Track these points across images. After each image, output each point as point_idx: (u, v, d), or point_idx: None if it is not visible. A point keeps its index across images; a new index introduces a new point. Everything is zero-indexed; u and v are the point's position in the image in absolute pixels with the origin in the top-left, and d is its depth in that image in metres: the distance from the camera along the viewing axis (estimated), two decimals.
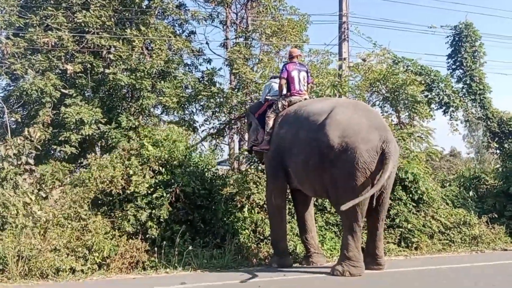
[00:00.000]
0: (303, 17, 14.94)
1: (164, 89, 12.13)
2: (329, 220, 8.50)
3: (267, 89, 7.86)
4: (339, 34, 13.11)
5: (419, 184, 8.94)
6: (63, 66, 11.57)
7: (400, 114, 11.36)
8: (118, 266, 6.86)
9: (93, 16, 11.61)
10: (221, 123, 13.20)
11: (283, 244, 7.26)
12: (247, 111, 8.09)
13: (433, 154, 10.46)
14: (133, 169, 7.74)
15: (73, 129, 11.20)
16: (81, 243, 6.89)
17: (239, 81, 12.66)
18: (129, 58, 11.85)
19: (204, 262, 7.10)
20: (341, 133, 6.19)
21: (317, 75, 11.27)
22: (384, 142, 6.10)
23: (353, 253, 6.20)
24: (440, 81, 12.63)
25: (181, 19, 13.80)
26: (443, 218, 8.93)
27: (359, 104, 7.14)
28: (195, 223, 7.80)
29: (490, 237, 8.95)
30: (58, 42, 11.52)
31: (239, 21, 14.70)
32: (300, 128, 6.76)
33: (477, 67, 13.33)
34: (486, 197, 10.49)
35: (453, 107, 12.69)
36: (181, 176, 7.82)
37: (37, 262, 6.45)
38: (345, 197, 6.11)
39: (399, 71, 11.57)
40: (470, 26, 13.48)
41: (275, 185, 7.16)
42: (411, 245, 8.41)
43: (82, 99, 11.62)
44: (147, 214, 7.43)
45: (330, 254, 7.83)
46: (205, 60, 14.34)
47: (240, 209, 8.34)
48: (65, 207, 7.51)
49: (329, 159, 6.22)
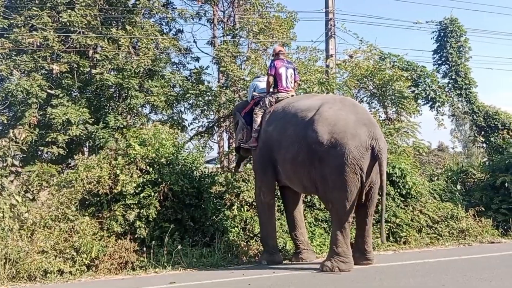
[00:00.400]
0: (290, 15, 14.95)
1: (152, 88, 12.07)
2: (318, 217, 8.52)
3: (252, 88, 7.87)
4: (325, 31, 13.14)
5: (407, 178, 9.01)
6: (49, 67, 11.46)
7: (388, 110, 11.45)
8: (106, 267, 6.82)
9: (78, 15, 11.51)
10: (210, 121, 13.18)
11: (273, 241, 7.26)
12: (234, 110, 8.09)
13: (420, 149, 10.54)
14: (120, 168, 7.69)
15: (60, 130, 11.11)
16: (69, 245, 6.85)
17: (227, 79, 12.64)
18: (115, 57, 11.77)
19: (193, 261, 7.09)
20: (330, 129, 6.21)
21: (304, 72, 11.29)
22: (373, 139, 6.16)
23: (342, 249, 6.22)
24: (426, 77, 12.75)
25: (168, 17, 13.75)
26: (431, 212, 8.99)
27: (347, 100, 7.16)
28: (184, 221, 7.78)
29: (477, 230, 9.03)
30: (44, 42, 11.41)
31: (226, 19, 14.69)
32: (288, 124, 6.77)
33: (462, 62, 13.49)
34: (473, 191, 10.59)
35: (440, 102, 12.82)
36: (169, 175, 7.79)
37: (25, 264, 6.41)
38: (334, 193, 6.17)
39: (385, 67, 11.66)
40: (455, 22, 13.62)
41: (263, 182, 7.17)
42: (400, 239, 8.47)
43: (69, 99, 11.52)
44: (135, 214, 7.39)
45: (320, 250, 7.85)
46: (193, 59, 14.34)
47: (230, 207, 8.34)
48: (52, 209, 7.45)
49: (318, 155, 6.25)
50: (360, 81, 11.43)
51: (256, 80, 8.02)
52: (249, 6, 14.41)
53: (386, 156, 6.34)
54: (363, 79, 11.39)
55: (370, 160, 6.14)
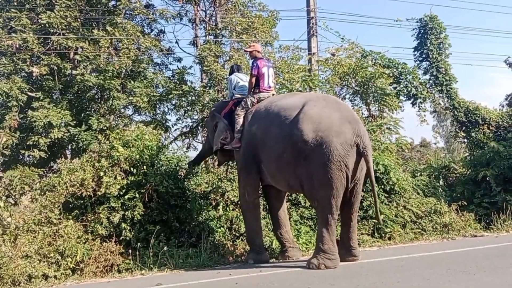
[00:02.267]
0: (271, 14, 14.97)
1: (135, 89, 11.99)
2: (303, 214, 8.55)
3: (231, 85, 7.79)
4: (307, 29, 13.21)
5: (390, 175, 9.09)
6: (28, 69, 11.32)
7: (370, 107, 11.54)
8: (92, 270, 6.75)
9: (57, 16, 11.38)
10: (194, 121, 13.14)
11: (259, 240, 7.26)
12: (212, 112, 7.98)
13: (403, 145, 10.65)
14: (103, 170, 7.61)
15: (42, 132, 10.99)
16: (53, 249, 6.76)
17: (211, 79, 12.62)
18: (96, 58, 11.66)
19: (180, 262, 7.05)
20: (315, 127, 6.24)
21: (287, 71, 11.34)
22: (357, 136, 6.21)
23: (328, 246, 6.26)
24: (408, 73, 12.89)
25: (149, 18, 13.66)
26: (414, 208, 9.09)
27: (330, 98, 7.20)
28: (169, 222, 7.73)
29: (460, 224, 9.16)
30: (23, 44, 11.26)
31: (208, 18, 14.63)
32: (271, 123, 6.77)
33: (442, 58, 13.65)
34: (455, 185, 10.74)
35: (421, 98, 12.97)
36: (153, 176, 7.73)
37: (8, 269, 6.29)
38: (320, 191, 6.20)
39: (367, 64, 11.74)
40: (435, 19, 13.77)
41: (248, 182, 7.15)
42: (384, 235, 8.54)
43: (50, 101, 11.38)
44: (120, 216, 7.32)
45: (306, 248, 7.88)
46: (175, 59, 14.26)
47: (215, 207, 8.33)
48: (35, 213, 7.35)
49: (304, 153, 6.27)
50: (343, 78, 11.51)
51: (236, 75, 7.86)
52: (231, 5, 14.38)
53: (371, 152, 6.42)
54: (346, 77, 11.47)
55: (355, 157, 6.21)
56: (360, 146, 6.19)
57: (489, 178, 10.28)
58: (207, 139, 8.43)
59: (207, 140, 8.42)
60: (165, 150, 8.55)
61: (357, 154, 6.22)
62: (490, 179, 10.25)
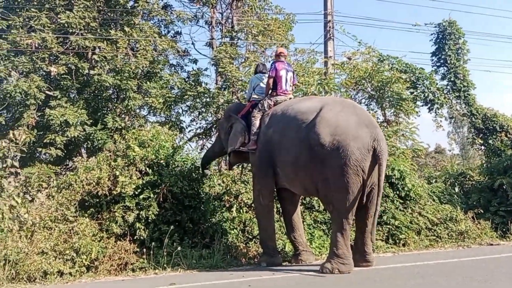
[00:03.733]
0: (288, 17, 14.97)
1: (150, 90, 12.07)
2: (317, 218, 8.52)
3: (252, 86, 7.76)
4: (324, 32, 13.17)
5: (406, 181, 9.02)
6: (47, 68, 11.46)
7: (386, 112, 11.46)
8: (106, 268, 6.79)
9: (76, 17, 11.51)
10: (208, 123, 13.17)
11: (272, 243, 7.25)
12: (228, 113, 7.95)
13: (418, 151, 10.56)
14: (119, 170, 7.67)
15: (58, 131, 11.11)
16: (69, 246, 6.82)
17: (226, 80, 12.65)
18: (114, 59, 11.77)
19: (193, 263, 7.07)
20: (332, 131, 6.23)
21: (303, 74, 11.31)
22: (375, 140, 6.19)
23: (342, 251, 6.23)
24: (425, 79, 12.78)
25: (166, 19, 13.75)
26: (430, 214, 9.00)
27: (347, 102, 7.18)
28: (183, 223, 7.76)
29: (476, 232, 9.04)
30: (42, 44, 11.41)
31: (224, 21, 14.68)
32: (288, 127, 6.76)
33: (461, 64, 13.54)
34: (471, 193, 10.60)
35: (438, 104, 12.87)
36: (168, 176, 7.77)
37: (24, 265, 6.38)
38: (336, 195, 6.18)
39: (384, 69, 11.68)
40: (454, 24, 13.67)
41: (263, 185, 7.14)
42: (399, 241, 8.47)
43: (67, 100, 11.52)
44: (134, 215, 7.37)
45: (319, 252, 7.85)
46: (191, 60, 14.33)
47: (229, 208, 8.33)
48: (52, 210, 7.42)
49: (320, 157, 6.25)
50: (359, 83, 11.45)
51: (258, 76, 7.81)
52: (247, 8, 14.43)
53: (386, 157, 6.38)
54: (362, 81, 11.41)
55: (371, 162, 6.18)
56: (376, 150, 6.17)
57: (506, 186, 10.12)
58: (218, 140, 8.42)
59: (217, 141, 8.41)
60: (180, 151, 8.59)
61: (373, 159, 6.19)
62: (507, 187, 10.09)
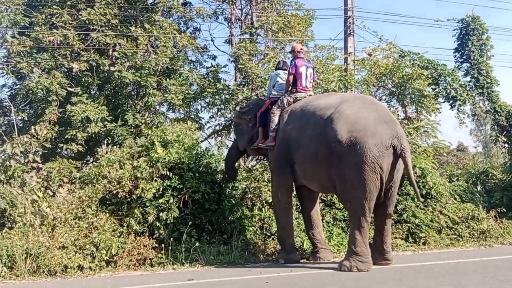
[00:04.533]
0: (308, 13, 14.87)
1: (170, 87, 12.13)
2: (336, 216, 8.46)
3: (272, 82, 7.71)
4: (344, 28, 13.06)
5: (427, 178, 8.89)
6: (68, 65, 11.59)
7: (407, 109, 11.30)
8: (125, 263, 6.87)
9: (97, 14, 11.62)
10: (227, 119, 13.18)
11: (290, 240, 7.24)
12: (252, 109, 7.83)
13: (440, 149, 10.39)
14: (140, 171, 7.66)
15: (79, 127, 11.25)
16: (89, 241, 6.91)
17: (245, 77, 12.63)
18: (134, 55, 11.86)
19: (211, 259, 7.10)
20: (350, 128, 6.16)
21: (322, 71, 11.22)
22: (394, 137, 6.11)
23: (360, 248, 6.18)
24: (447, 75, 12.57)
25: (186, 16, 13.80)
26: (451, 213, 8.86)
27: (367, 98, 7.10)
28: (202, 225, 7.79)
29: (498, 231, 8.89)
30: (64, 41, 11.53)
31: (244, 17, 14.66)
32: (307, 123, 6.72)
33: (484, 60, 13.24)
34: (494, 192, 10.42)
35: (461, 100, 12.63)
36: (190, 180, 7.71)
37: (45, 259, 6.49)
38: (353, 192, 6.12)
39: (405, 65, 11.50)
40: (477, 19, 13.38)
41: (281, 182, 7.12)
42: (419, 240, 8.37)
43: (88, 97, 11.63)
44: (154, 216, 7.39)
45: (337, 250, 7.80)
46: (210, 57, 14.34)
47: (250, 207, 8.31)
48: (73, 206, 7.52)
49: (337, 153, 6.20)
50: (379, 79, 11.31)
51: (278, 73, 7.74)
52: (267, 4, 14.38)
53: (410, 153, 6.30)
54: (382, 78, 11.26)
55: (390, 159, 6.10)
56: (397, 148, 6.08)
57: None
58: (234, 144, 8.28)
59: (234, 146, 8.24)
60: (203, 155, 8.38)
61: (393, 156, 6.12)
62: None
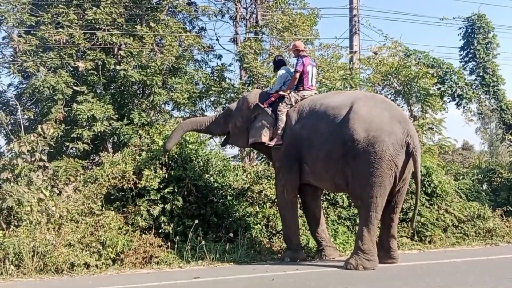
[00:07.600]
0: (313, 11, 14.87)
1: (175, 85, 12.16)
2: (341, 214, 8.44)
3: (283, 78, 7.47)
4: (349, 27, 13.02)
5: (432, 177, 8.87)
6: (74, 63, 11.64)
7: (412, 107, 11.29)
8: (131, 261, 6.88)
9: (103, 13, 11.67)
10: None
11: (296, 238, 7.23)
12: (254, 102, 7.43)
13: (446, 147, 10.37)
14: (143, 163, 7.76)
15: (85, 126, 11.30)
16: (95, 239, 6.93)
17: (250, 76, 12.65)
18: (139, 54, 11.90)
19: (217, 257, 7.10)
20: (366, 127, 6.19)
21: (327, 69, 11.23)
22: (408, 136, 6.19)
23: (367, 246, 6.19)
24: (453, 74, 12.51)
25: (191, 15, 13.82)
26: (456, 212, 8.84)
27: (378, 97, 7.11)
28: (207, 217, 7.83)
29: (504, 230, 8.85)
30: (70, 40, 11.59)
31: (249, 16, 14.68)
32: (319, 122, 6.68)
33: (490, 59, 13.21)
34: (500, 190, 10.38)
35: (466, 99, 12.59)
36: (192, 170, 7.83)
37: (52, 257, 6.51)
38: (367, 189, 6.16)
39: (411, 64, 11.49)
40: (483, 18, 13.34)
41: (287, 180, 7.08)
42: (425, 239, 8.34)
43: (94, 96, 11.70)
44: (159, 209, 7.45)
45: (343, 248, 7.79)
46: (215, 56, 14.36)
47: (252, 204, 8.34)
48: (79, 203, 7.56)
49: (353, 152, 6.22)
50: (385, 78, 11.30)
51: (288, 70, 7.57)
52: (272, 3, 14.39)
53: (420, 152, 6.39)
54: (388, 76, 11.25)
55: (404, 157, 6.18)
56: (410, 146, 6.16)
57: None
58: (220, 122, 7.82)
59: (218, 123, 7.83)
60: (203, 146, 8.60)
61: (406, 154, 6.19)
62: None
